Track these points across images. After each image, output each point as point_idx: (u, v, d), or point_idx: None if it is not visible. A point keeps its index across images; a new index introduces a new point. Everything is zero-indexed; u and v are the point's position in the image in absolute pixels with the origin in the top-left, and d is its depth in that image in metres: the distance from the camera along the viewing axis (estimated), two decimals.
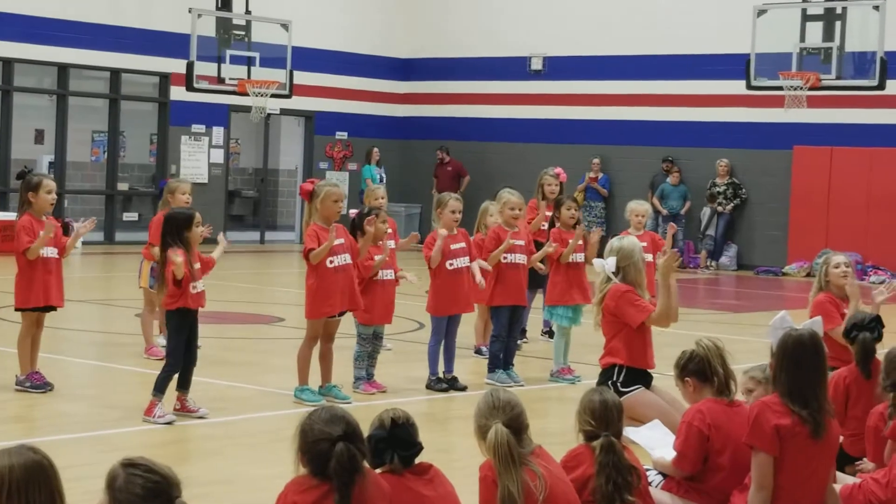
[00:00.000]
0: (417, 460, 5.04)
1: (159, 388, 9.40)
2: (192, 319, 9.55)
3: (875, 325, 7.75)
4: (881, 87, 20.38)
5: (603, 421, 5.78)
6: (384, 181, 27.18)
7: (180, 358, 9.48)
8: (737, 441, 6.30)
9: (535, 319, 14.12)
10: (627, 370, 8.58)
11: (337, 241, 10.20)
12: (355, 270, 10.43)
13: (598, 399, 5.83)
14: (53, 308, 10.51)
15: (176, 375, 9.51)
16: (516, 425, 5.27)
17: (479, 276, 11.20)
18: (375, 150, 27.74)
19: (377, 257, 10.74)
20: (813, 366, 6.11)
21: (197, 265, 9.51)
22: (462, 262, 11.20)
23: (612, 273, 8.61)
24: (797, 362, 6.07)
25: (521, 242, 11.63)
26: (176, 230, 9.44)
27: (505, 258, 11.47)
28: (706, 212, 25.66)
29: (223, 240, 10.35)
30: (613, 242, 8.89)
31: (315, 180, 10.52)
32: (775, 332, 6.34)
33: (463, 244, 11.26)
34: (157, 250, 10.12)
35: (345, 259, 10.26)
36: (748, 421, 6.09)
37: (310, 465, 4.60)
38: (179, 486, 3.84)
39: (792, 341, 6.13)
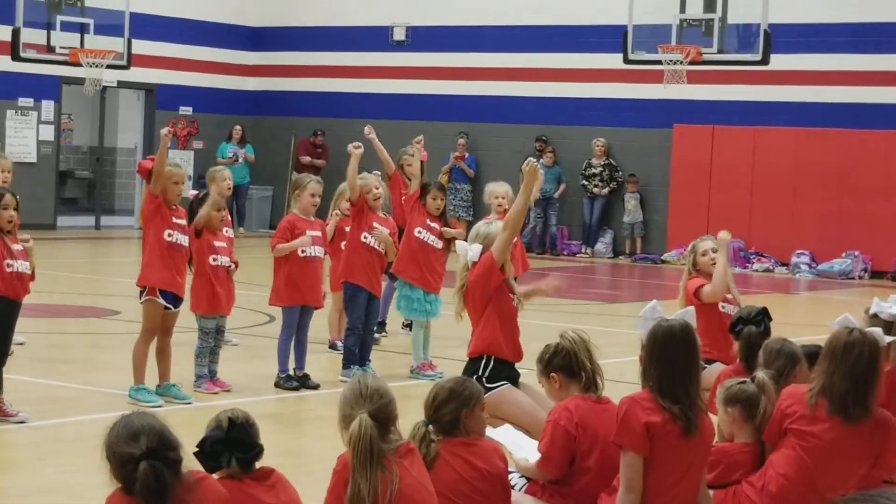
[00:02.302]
0: (259, 464, 5.03)
1: None
2: (15, 309, 9.25)
3: (762, 319, 7.84)
4: (765, 61, 20.67)
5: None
6: (239, 160, 27.02)
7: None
8: (605, 440, 6.36)
9: (395, 312, 14.13)
10: (495, 362, 8.63)
11: (180, 221, 10.23)
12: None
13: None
14: None
15: None
16: (383, 416, 5.31)
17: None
18: (237, 127, 27.55)
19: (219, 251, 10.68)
20: (685, 359, 6.16)
21: (17, 246, 9.26)
22: (317, 251, 11.16)
23: (475, 261, 8.63)
24: (667, 355, 6.14)
25: (386, 229, 11.65)
26: None
27: (365, 237, 11.48)
28: (626, 198, 25.56)
29: None
30: (480, 227, 8.87)
31: (155, 157, 10.38)
32: (645, 323, 6.41)
33: (318, 232, 11.24)
34: None
35: (182, 240, 10.25)
36: (616, 419, 6.16)
37: (121, 482, 4.54)
38: None
39: (662, 333, 6.19)
